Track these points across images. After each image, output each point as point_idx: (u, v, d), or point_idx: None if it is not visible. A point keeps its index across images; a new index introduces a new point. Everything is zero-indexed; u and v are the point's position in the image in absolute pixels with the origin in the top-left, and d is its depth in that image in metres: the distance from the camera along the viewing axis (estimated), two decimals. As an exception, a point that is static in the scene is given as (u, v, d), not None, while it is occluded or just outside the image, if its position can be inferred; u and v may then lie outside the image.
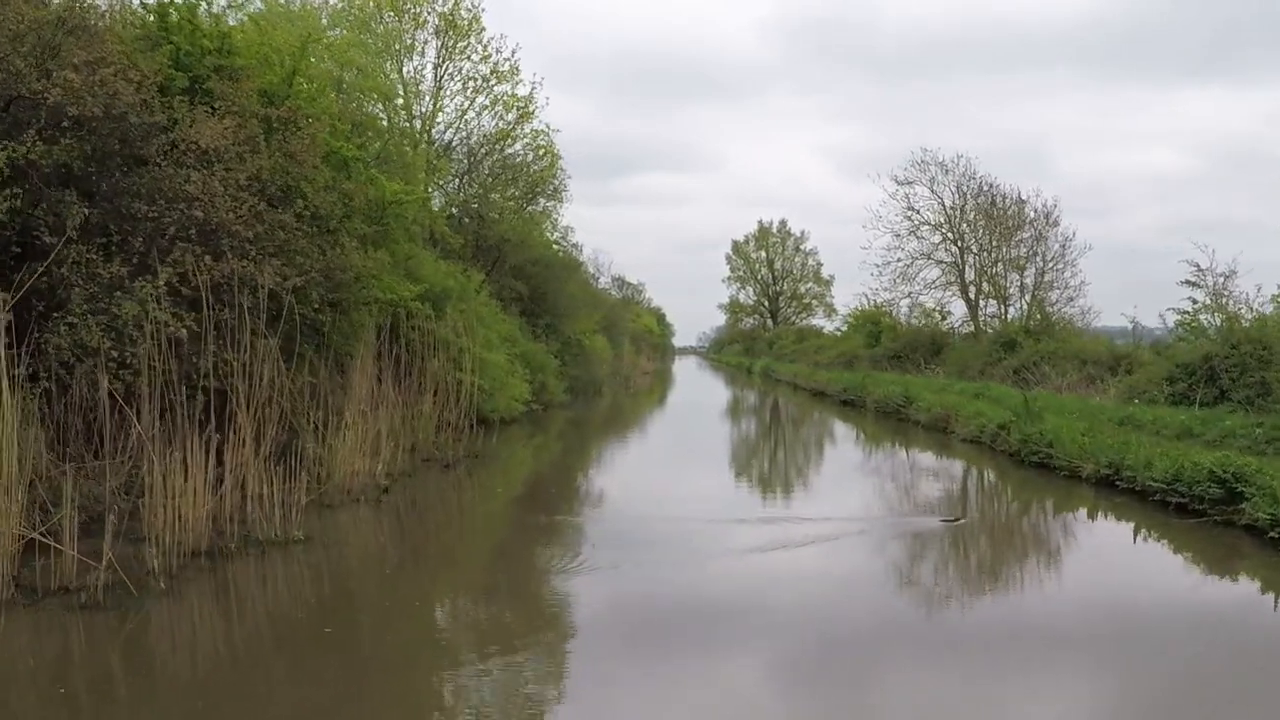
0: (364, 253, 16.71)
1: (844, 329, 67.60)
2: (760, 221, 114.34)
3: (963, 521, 13.37)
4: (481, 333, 24.34)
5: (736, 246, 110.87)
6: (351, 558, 11.37)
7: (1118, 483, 14.39)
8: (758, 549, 11.56)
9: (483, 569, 11.41)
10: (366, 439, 15.22)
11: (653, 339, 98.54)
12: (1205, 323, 25.75)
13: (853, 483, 17.97)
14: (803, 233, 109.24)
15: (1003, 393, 27.09)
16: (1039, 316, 37.55)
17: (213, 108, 16.14)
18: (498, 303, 32.90)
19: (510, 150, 30.87)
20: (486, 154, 30.39)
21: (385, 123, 22.82)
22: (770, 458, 23.71)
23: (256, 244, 15.30)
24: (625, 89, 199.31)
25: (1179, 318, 26.95)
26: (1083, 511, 14.19)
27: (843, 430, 29.47)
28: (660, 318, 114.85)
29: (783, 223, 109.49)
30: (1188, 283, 26.30)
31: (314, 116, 17.28)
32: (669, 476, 19.05)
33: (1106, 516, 13.73)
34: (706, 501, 15.09)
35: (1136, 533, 12.68)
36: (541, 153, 30.75)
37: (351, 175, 18.68)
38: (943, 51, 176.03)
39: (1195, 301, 26.22)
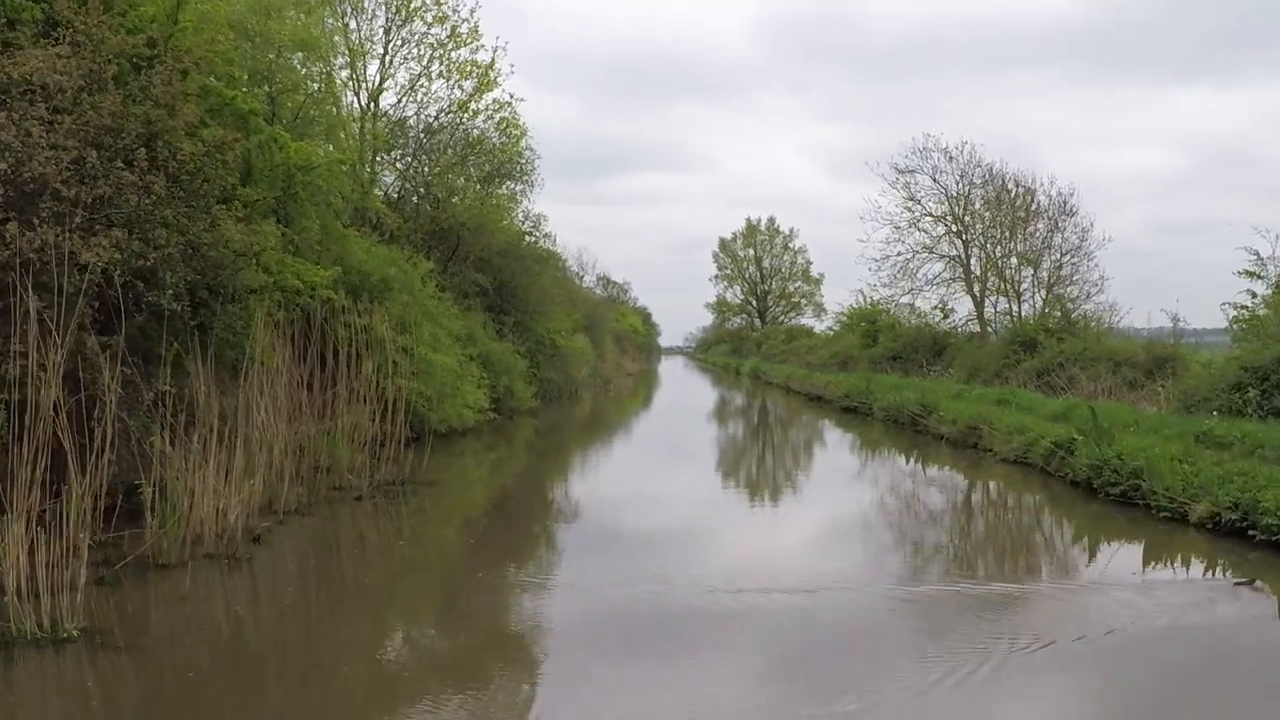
0: (249, 225, 12.98)
1: (836, 328, 64.10)
2: (748, 219, 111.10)
3: (1261, 587, 9.33)
4: (428, 330, 20.69)
5: (724, 244, 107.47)
6: (138, 670, 7.30)
7: (1251, 532, 10.72)
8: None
9: (354, 688, 7.60)
10: (243, 466, 11.54)
11: (638, 339, 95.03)
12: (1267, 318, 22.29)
13: (910, 525, 14.07)
14: (791, 230, 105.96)
15: (1030, 399, 23.54)
16: (1059, 313, 33.99)
17: (56, 39, 12.56)
18: (460, 297, 29.23)
19: (471, 125, 27.14)
20: (441, 127, 26.62)
21: (314, 83, 19.17)
22: (778, 478, 19.91)
23: (100, 210, 11.70)
24: (613, 89, 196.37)
25: (1236, 313, 23.47)
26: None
27: (855, 446, 25.21)
28: (646, 317, 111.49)
29: (771, 220, 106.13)
30: (1246, 273, 22.81)
31: (191, 53, 13.59)
32: (650, 508, 15.26)
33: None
34: (707, 555, 11.42)
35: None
36: (504, 125, 27.07)
37: (250, 132, 15.04)
38: (930, 51, 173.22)
39: (1255, 295, 22.74)
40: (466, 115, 26.63)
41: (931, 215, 44.04)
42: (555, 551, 12.18)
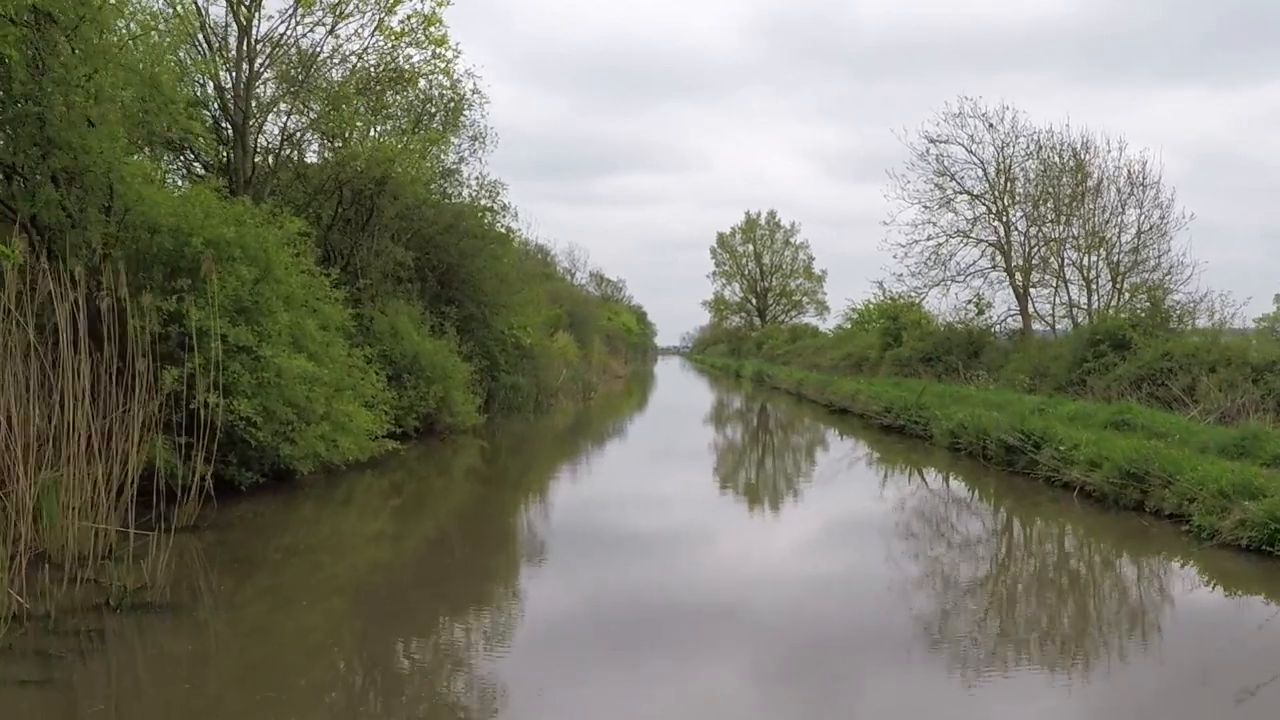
0: None
1: (847, 325, 57.53)
2: (747, 213, 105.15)
3: None
4: (286, 319, 13.81)
5: (722, 239, 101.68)
6: None
7: None
8: None
9: None
10: None
11: (632, 339, 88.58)
12: None
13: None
14: (793, 224, 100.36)
15: (1165, 422, 16.64)
16: (1147, 304, 27.11)
17: None
18: (390, 282, 22.43)
19: (386, 48, 20.19)
20: (336, 48, 19.63)
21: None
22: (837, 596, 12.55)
23: None
24: (603, 89, 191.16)
25: None
26: None
27: (945, 510, 15.01)
28: (641, 317, 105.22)
29: (771, 214, 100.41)
30: None
31: None
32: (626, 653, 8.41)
33: None
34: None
35: None
36: (427, 43, 20.06)
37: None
38: (922, 52, 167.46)
39: None
40: (382, 36, 19.73)
41: (969, 194, 37.32)
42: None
